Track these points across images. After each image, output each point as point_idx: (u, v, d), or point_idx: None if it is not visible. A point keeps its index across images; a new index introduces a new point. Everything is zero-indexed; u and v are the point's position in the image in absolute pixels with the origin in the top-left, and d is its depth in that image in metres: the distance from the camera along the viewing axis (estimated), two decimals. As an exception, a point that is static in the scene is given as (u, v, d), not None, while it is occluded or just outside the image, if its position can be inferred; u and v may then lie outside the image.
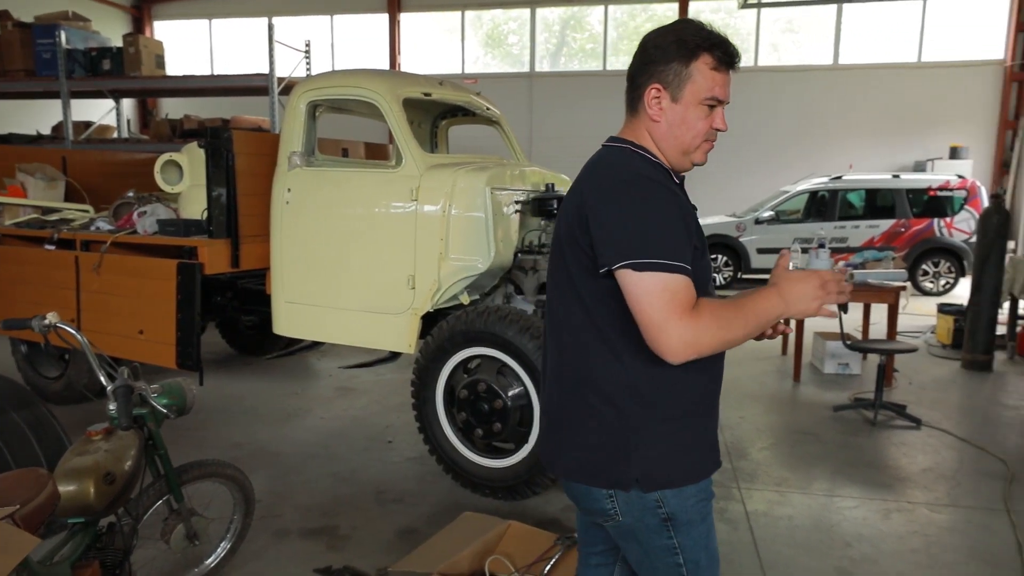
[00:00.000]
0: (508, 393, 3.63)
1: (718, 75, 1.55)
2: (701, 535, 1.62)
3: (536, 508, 3.66)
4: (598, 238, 1.50)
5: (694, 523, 1.60)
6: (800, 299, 1.49)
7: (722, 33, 1.57)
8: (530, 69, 15.66)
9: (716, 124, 1.59)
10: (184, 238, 4.45)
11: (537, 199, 4.25)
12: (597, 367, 1.56)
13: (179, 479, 2.62)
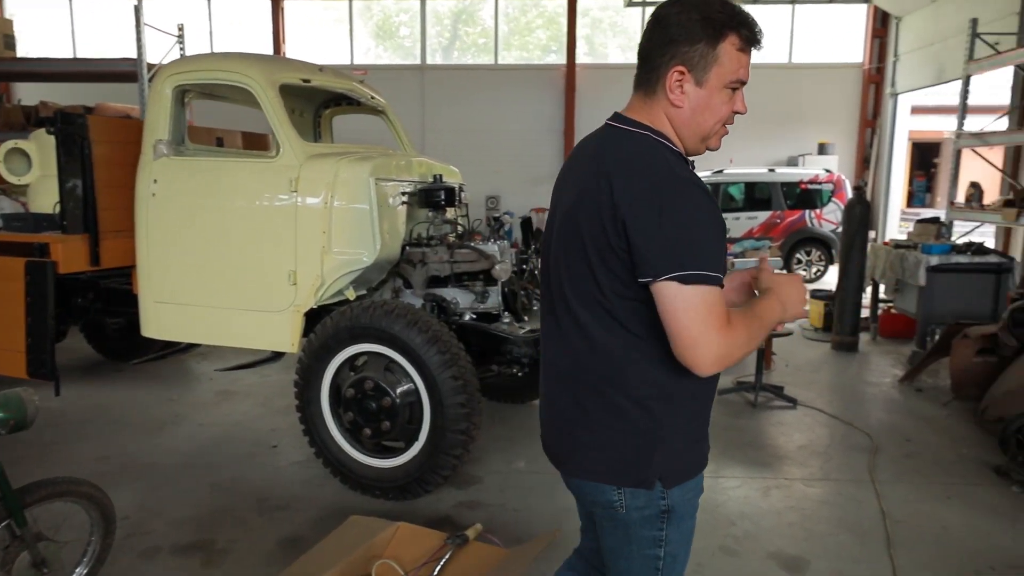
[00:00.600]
0: (396, 390, 3.51)
1: (744, 56, 1.46)
2: (688, 530, 1.63)
3: (428, 506, 3.57)
4: (639, 246, 1.40)
5: (686, 517, 1.61)
6: (795, 303, 1.53)
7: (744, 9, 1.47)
8: (421, 61, 15.44)
9: (738, 107, 1.51)
10: (33, 234, 4.04)
11: (424, 190, 4.15)
12: (627, 369, 1.51)
13: (21, 501, 2.34)
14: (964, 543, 3.25)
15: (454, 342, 3.49)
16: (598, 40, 16.03)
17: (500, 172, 15.00)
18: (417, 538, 2.87)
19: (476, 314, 4.12)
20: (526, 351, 3.80)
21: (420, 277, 4.14)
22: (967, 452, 4.32)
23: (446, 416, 3.40)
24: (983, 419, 4.66)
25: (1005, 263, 6.19)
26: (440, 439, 3.42)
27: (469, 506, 3.58)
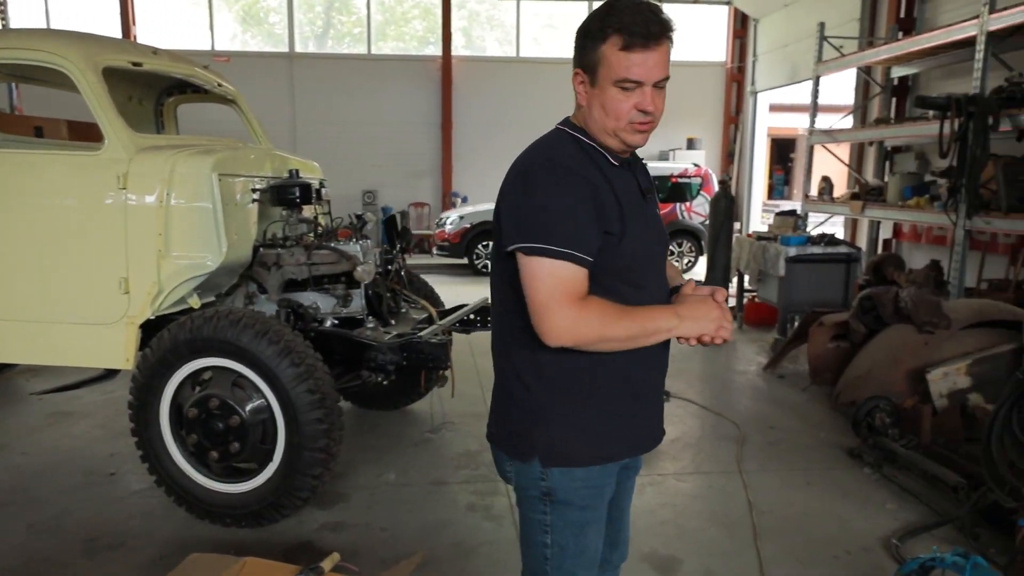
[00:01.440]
0: (246, 408, 3.19)
1: (632, 55, 1.48)
2: (574, 521, 1.64)
3: (287, 532, 3.28)
4: (504, 220, 1.55)
5: (571, 506, 1.63)
6: (695, 320, 1.54)
7: (647, 11, 1.50)
8: (290, 49, 14.69)
9: (643, 105, 1.52)
10: None
11: (277, 187, 3.82)
12: (513, 346, 1.63)
13: None
14: (822, 528, 3.35)
15: (309, 352, 3.21)
16: (476, 33, 15.89)
17: (377, 166, 14.57)
18: (266, 574, 2.59)
19: (338, 319, 3.86)
20: (391, 358, 3.57)
21: (275, 281, 3.82)
22: (824, 436, 4.51)
23: (303, 433, 3.12)
24: (838, 403, 4.91)
25: (853, 253, 6.59)
26: (297, 458, 3.14)
27: (333, 528, 3.32)
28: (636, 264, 1.60)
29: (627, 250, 1.56)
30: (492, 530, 3.32)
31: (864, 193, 8.48)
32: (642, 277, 1.62)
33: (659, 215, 1.76)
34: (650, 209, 1.70)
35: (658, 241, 1.69)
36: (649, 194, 1.70)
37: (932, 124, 6.60)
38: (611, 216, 1.53)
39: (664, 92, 1.58)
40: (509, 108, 14.88)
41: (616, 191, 1.57)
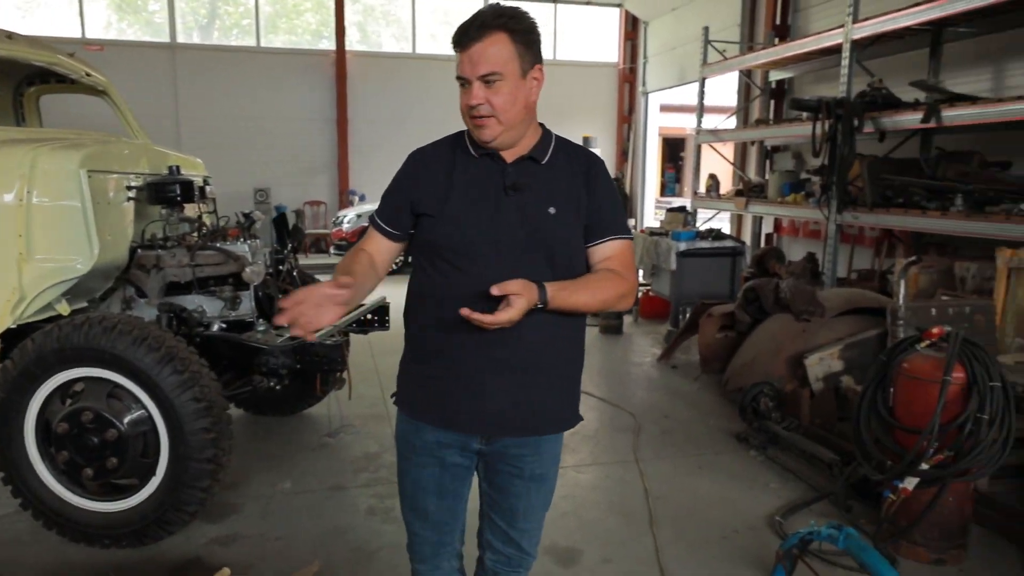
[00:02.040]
0: (124, 420, 2.99)
1: (459, 55, 1.67)
2: (400, 468, 1.91)
3: (174, 549, 3.10)
4: None
5: (399, 451, 1.91)
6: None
7: (478, 14, 1.66)
8: (171, 39, 13.90)
9: (466, 100, 1.67)
10: None
11: (154, 184, 3.60)
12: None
13: None
14: (713, 511, 3.51)
15: (193, 359, 3.04)
16: (371, 28, 15.58)
17: (270, 164, 14.04)
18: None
19: (226, 323, 3.68)
20: (284, 361, 3.45)
21: (155, 284, 3.60)
22: (714, 423, 4.72)
23: (188, 444, 2.95)
24: (726, 390, 5.15)
25: (738, 247, 6.93)
26: (183, 471, 2.97)
27: (224, 542, 3.17)
28: (458, 247, 1.70)
29: (443, 232, 1.71)
30: (392, 533, 3.26)
31: (747, 190, 8.95)
32: (465, 261, 1.69)
33: (527, 216, 1.71)
34: (507, 203, 1.70)
35: (502, 230, 1.69)
36: (514, 190, 1.71)
37: (806, 125, 7.04)
38: (428, 197, 1.73)
39: (504, 88, 1.64)
40: (407, 105, 14.70)
41: (455, 179, 1.73)
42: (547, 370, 1.77)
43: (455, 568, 2.02)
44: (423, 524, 1.92)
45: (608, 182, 1.82)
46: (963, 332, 3.00)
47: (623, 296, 1.75)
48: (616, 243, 1.77)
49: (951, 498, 2.98)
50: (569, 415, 1.86)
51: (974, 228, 5.36)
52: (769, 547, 3.12)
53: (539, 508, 1.92)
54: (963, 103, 5.65)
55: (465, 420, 1.77)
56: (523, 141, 1.76)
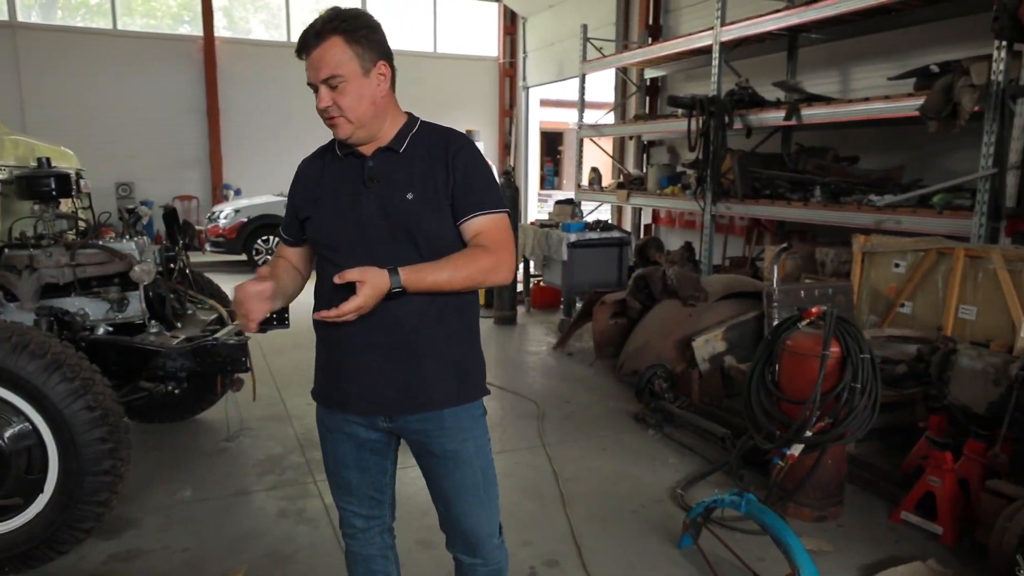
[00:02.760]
0: (4, 435, 2.74)
1: (305, 64, 1.78)
2: (322, 449, 2.01)
3: (67, 569, 2.88)
4: None
5: (319, 435, 2.01)
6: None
7: (314, 23, 1.74)
8: (10, 18, 12.60)
9: (316, 105, 1.77)
10: None
11: (25, 177, 3.31)
12: None
13: None
14: (619, 488, 3.69)
15: (84, 364, 2.83)
16: (238, 14, 14.84)
17: (134, 156, 13.08)
18: (52, 620, 2.27)
19: (113, 326, 3.44)
20: (183, 363, 3.28)
21: (29, 287, 3.31)
22: (612, 405, 4.94)
23: (82, 456, 2.75)
24: (621, 374, 5.39)
25: (625, 237, 7.25)
26: (76, 486, 2.76)
27: (124, 558, 2.98)
28: (329, 242, 1.83)
29: (316, 230, 1.86)
30: (308, 534, 3.20)
31: (628, 183, 9.36)
32: (338, 255, 1.79)
33: (387, 204, 1.77)
34: (366, 195, 1.78)
35: (363, 224, 1.77)
36: (372, 182, 1.78)
37: (681, 121, 7.46)
38: (305, 203, 1.88)
39: (346, 88, 1.73)
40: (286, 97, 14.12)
41: (322, 182, 1.87)
42: (424, 350, 1.81)
43: (387, 545, 2.07)
44: (350, 499, 2.00)
45: (471, 160, 1.83)
46: (836, 310, 3.33)
47: (491, 270, 1.77)
48: (482, 219, 1.79)
49: (830, 461, 3.31)
50: (456, 389, 1.87)
51: (831, 217, 5.91)
52: (674, 518, 3.33)
53: (470, 488, 1.92)
54: (819, 103, 6.21)
55: (356, 402, 1.87)
56: (383, 133, 1.82)
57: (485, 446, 1.96)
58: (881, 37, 6.83)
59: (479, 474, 1.94)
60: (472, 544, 1.97)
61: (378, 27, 1.79)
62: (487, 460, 1.96)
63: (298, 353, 6.06)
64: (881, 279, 4.93)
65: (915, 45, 6.57)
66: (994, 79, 4.53)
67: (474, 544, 1.97)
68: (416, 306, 1.76)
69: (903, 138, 6.66)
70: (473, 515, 1.95)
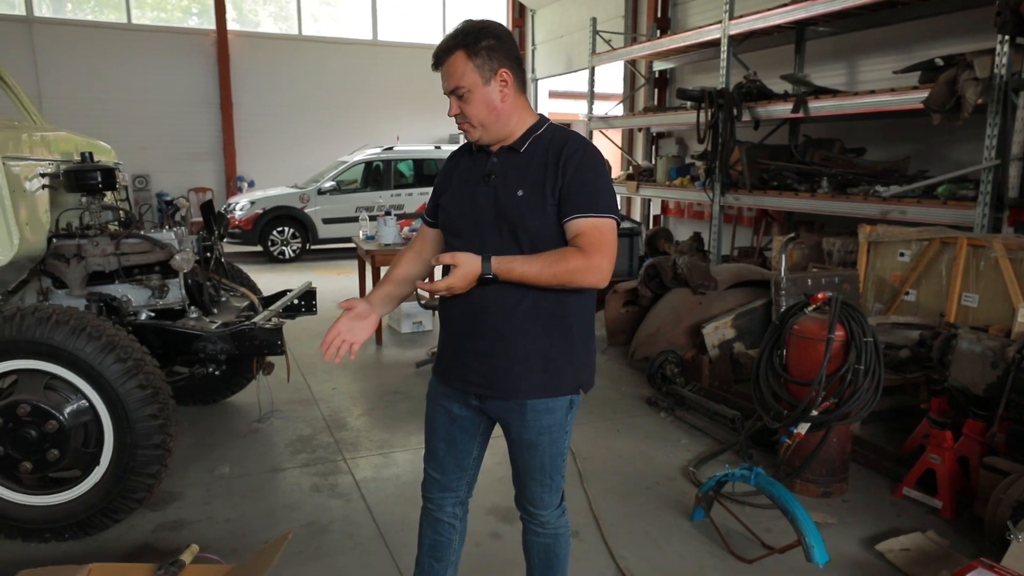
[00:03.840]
0: (64, 411, 2.94)
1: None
2: (425, 415, 2.20)
3: (120, 538, 3.08)
4: None
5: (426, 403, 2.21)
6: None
7: (441, 42, 1.93)
8: (27, 12, 12.80)
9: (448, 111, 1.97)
10: None
11: (74, 171, 3.49)
12: None
13: None
14: (634, 466, 3.87)
15: (136, 346, 3.02)
16: (247, 7, 14.98)
17: (148, 149, 13.28)
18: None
19: (154, 312, 3.64)
20: (222, 346, 3.47)
21: (77, 275, 3.50)
22: (625, 390, 5.12)
23: (136, 431, 2.95)
24: (633, 360, 5.57)
25: (636, 227, 7.41)
26: (130, 459, 2.96)
27: (171, 527, 3.18)
28: (450, 228, 2.05)
29: (443, 215, 2.08)
30: (341, 507, 3.39)
31: (638, 174, 9.50)
32: (456, 240, 2.01)
33: (499, 198, 1.91)
34: (485, 188, 1.95)
35: (477, 214, 1.95)
36: (489, 177, 1.95)
37: (690, 113, 7.61)
38: (441, 190, 2.11)
39: (471, 97, 1.90)
40: (300, 89, 14.32)
41: (456, 172, 2.08)
42: (513, 339, 1.93)
43: (457, 516, 2.25)
44: (434, 465, 2.20)
45: (584, 164, 1.90)
46: (841, 296, 3.49)
47: (581, 271, 1.83)
48: (583, 221, 1.87)
49: (835, 439, 3.48)
50: (542, 382, 1.95)
51: (838, 207, 6.07)
52: (687, 493, 3.51)
53: (538, 470, 2.05)
54: (826, 95, 6.35)
55: (454, 377, 2.07)
56: (510, 133, 1.96)
57: (561, 439, 2.04)
58: (887, 31, 6.96)
59: (547, 460, 2.05)
60: (533, 512, 2.14)
61: (501, 36, 1.91)
62: (559, 449, 2.05)
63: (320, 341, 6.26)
64: (887, 268, 5.09)
65: (920, 38, 6.70)
66: (997, 72, 4.67)
67: (535, 512, 2.14)
68: (510, 296, 1.89)
69: (908, 130, 6.80)
70: (536, 490, 2.10)
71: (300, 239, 11.42)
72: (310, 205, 11.37)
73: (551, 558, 2.19)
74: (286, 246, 11.35)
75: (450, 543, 2.28)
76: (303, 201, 11.36)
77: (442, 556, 2.29)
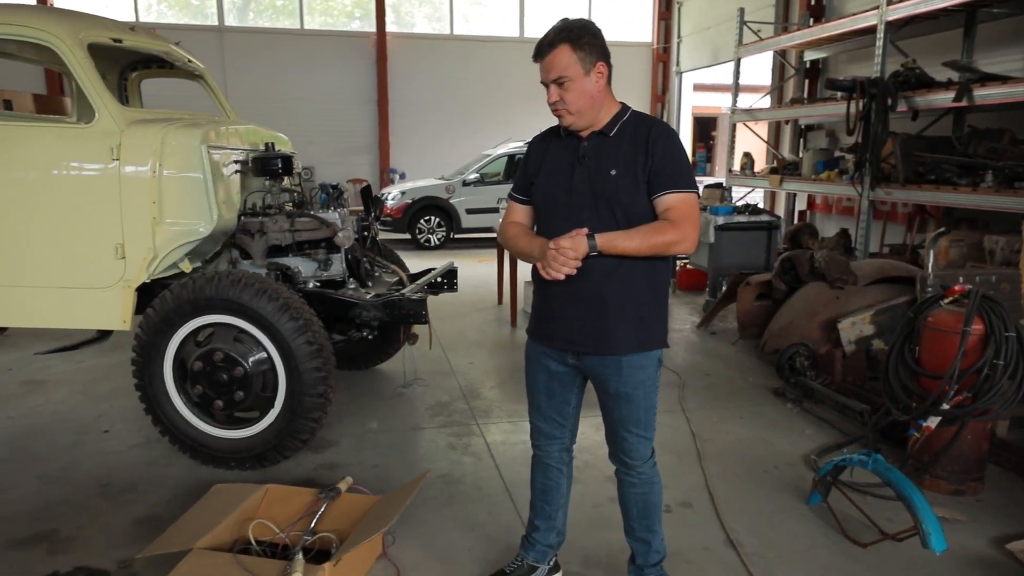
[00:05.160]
0: (249, 360, 3.48)
1: (539, 67, 2.18)
2: (525, 375, 2.48)
3: (287, 472, 3.60)
4: None
5: (525, 364, 2.48)
6: (540, 256, 2.16)
7: (546, 34, 2.15)
8: (219, 23, 14.42)
9: (547, 99, 2.19)
10: None
11: (261, 159, 4.07)
12: None
13: None
14: (754, 451, 3.93)
15: (306, 308, 3.52)
16: (404, 9, 15.95)
17: (313, 143, 14.54)
18: (288, 497, 2.94)
19: (320, 282, 4.16)
20: (375, 314, 3.92)
21: (259, 247, 4.08)
22: (753, 380, 5.13)
23: (303, 381, 3.44)
24: (763, 352, 5.54)
25: (774, 221, 7.27)
26: (298, 404, 3.47)
27: (328, 467, 3.67)
28: (544, 204, 2.28)
29: (537, 193, 2.30)
30: (473, 463, 3.74)
31: (782, 168, 9.24)
32: (550, 216, 2.24)
33: (594, 178, 2.17)
34: (580, 169, 2.20)
35: (573, 192, 2.19)
36: (584, 159, 2.21)
37: (840, 104, 7.33)
38: (533, 170, 2.33)
39: (571, 86, 2.13)
40: (445, 86, 15.09)
41: (547, 155, 2.31)
42: (610, 302, 2.19)
43: (564, 461, 2.54)
44: (538, 416, 2.49)
45: (669, 146, 2.15)
46: (982, 289, 3.37)
47: (674, 242, 2.10)
48: (672, 196, 2.12)
49: (969, 436, 3.37)
50: (636, 339, 2.21)
51: (1003, 203, 5.66)
52: (806, 480, 3.54)
53: (629, 423, 2.31)
54: (994, 82, 5.92)
55: (554, 338, 2.31)
56: (598, 120, 2.22)
57: (653, 392, 2.31)
58: (1072, 11, 6.36)
59: (642, 413, 2.31)
60: (627, 463, 2.39)
61: (599, 34, 2.16)
62: (652, 402, 2.32)
63: (460, 321, 6.72)
64: (1051, 266, 4.72)
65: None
66: None
67: (629, 463, 2.38)
68: (608, 265, 2.13)
69: (1092, 119, 6.18)
70: (631, 442, 2.35)
71: (445, 228, 12.09)
72: (455, 196, 12.01)
73: (647, 506, 2.40)
74: (432, 234, 12.06)
75: (559, 487, 2.56)
76: (449, 192, 12.01)
77: (552, 499, 2.57)
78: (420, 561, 2.83)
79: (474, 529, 3.08)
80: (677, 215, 2.11)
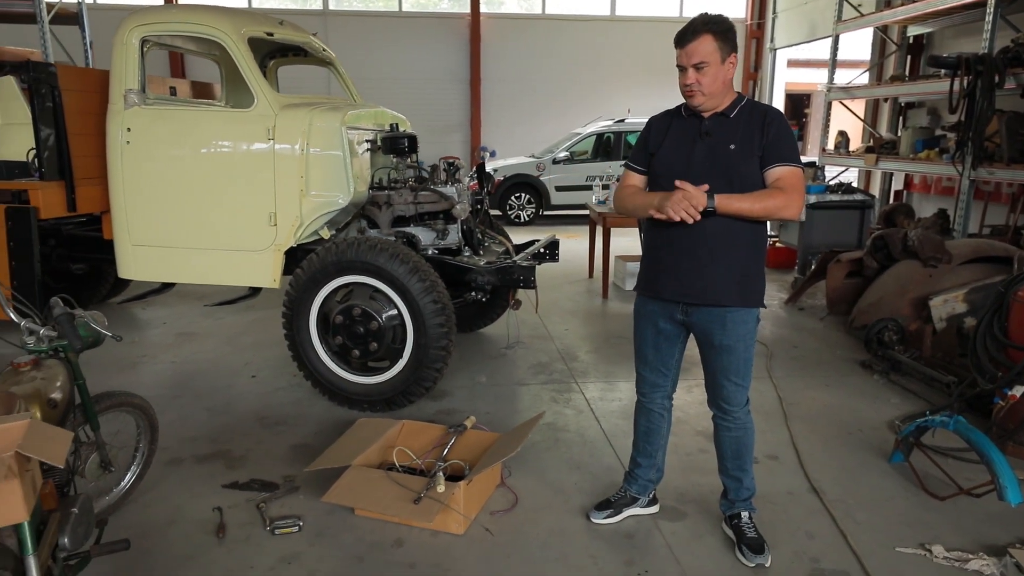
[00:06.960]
0: (382, 315, 3.99)
1: (678, 51, 2.47)
2: (634, 330, 2.84)
3: (413, 415, 4.08)
4: None
5: (634, 320, 2.83)
6: (666, 202, 2.40)
7: (691, 23, 2.45)
8: (323, 7, 15.17)
9: (682, 81, 2.48)
10: (10, 181, 4.14)
11: (389, 138, 4.55)
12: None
13: (95, 409, 2.70)
14: (839, 415, 4.16)
15: (432, 271, 3.99)
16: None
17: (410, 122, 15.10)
18: (421, 431, 3.43)
19: (438, 250, 4.62)
20: (488, 279, 4.36)
21: (386, 217, 4.58)
22: (840, 353, 5.31)
23: (428, 335, 3.92)
24: (852, 327, 5.69)
25: (868, 200, 7.29)
26: (423, 355, 3.95)
27: (446, 413, 4.15)
28: (663, 173, 2.55)
29: (659, 163, 2.59)
30: (574, 416, 4.14)
31: (878, 147, 9.13)
32: (668, 182, 2.46)
33: (714, 151, 2.49)
34: (701, 144, 2.53)
35: (693, 164, 2.50)
36: (705, 136, 2.53)
37: (943, 82, 7.23)
38: (653, 144, 2.63)
39: (708, 71, 2.42)
40: (536, 65, 15.39)
41: (669, 131, 2.62)
42: (721, 258, 2.52)
43: (665, 407, 2.92)
44: (644, 367, 2.85)
45: (780, 128, 2.48)
46: (1076, 267, 3.48)
47: (782, 207, 2.41)
48: (781, 168, 2.44)
49: (1056, 407, 3.51)
50: (739, 293, 2.53)
51: (1112, 183, 5.55)
52: (889, 442, 3.77)
53: (730, 372, 2.64)
54: (1111, 59, 5.77)
55: (666, 291, 2.63)
56: (722, 103, 2.54)
57: (751, 345, 2.64)
58: None
59: (741, 363, 2.65)
60: (725, 409, 2.72)
61: (733, 27, 2.47)
62: (749, 354, 2.65)
63: (554, 292, 7.12)
64: None
65: None
66: None
67: (727, 409, 2.72)
68: (718, 224, 2.44)
69: None
70: (729, 389, 2.69)
71: (534, 204, 12.47)
72: (545, 173, 12.36)
73: (740, 447, 2.74)
74: (522, 211, 12.47)
75: (659, 429, 2.93)
76: (539, 170, 12.37)
77: (653, 440, 2.95)
78: (534, 490, 3.26)
79: (579, 468, 3.49)
80: (786, 183, 2.44)
